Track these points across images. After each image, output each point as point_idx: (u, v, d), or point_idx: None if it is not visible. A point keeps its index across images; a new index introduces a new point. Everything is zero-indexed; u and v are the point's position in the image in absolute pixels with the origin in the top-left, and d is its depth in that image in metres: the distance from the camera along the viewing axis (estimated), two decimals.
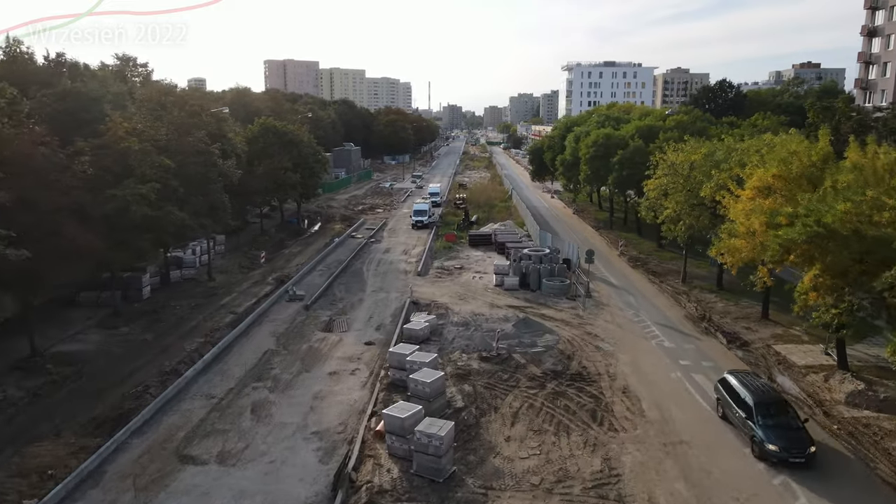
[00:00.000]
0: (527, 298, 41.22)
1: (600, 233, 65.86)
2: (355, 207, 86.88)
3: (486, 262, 51.73)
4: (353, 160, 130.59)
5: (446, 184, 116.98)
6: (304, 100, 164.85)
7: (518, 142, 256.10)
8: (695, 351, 32.05)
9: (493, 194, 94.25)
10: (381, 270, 50.54)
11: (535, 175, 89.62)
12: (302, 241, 62.36)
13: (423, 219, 69.92)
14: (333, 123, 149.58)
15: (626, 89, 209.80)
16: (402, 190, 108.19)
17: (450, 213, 79.07)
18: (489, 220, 71.74)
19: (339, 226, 71.55)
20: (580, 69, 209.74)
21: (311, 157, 68.26)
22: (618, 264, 52.25)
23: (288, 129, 65.76)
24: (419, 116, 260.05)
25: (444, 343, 32.71)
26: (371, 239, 63.67)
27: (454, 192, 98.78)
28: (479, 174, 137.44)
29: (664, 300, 41.54)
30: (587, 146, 55.56)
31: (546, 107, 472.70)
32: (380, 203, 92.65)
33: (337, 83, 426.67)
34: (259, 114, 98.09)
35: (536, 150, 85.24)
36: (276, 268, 50.80)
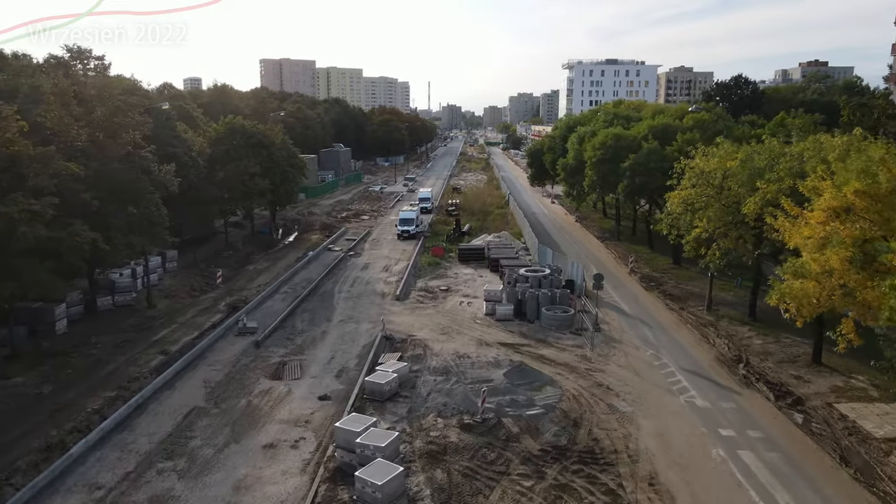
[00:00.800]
0: (523, 332, 34.30)
1: (606, 245, 58.93)
2: (339, 214, 79.97)
3: (477, 283, 44.83)
4: (343, 162, 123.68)
5: (440, 187, 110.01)
6: (293, 98, 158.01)
7: (517, 142, 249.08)
8: (736, 412, 25.13)
9: (489, 199, 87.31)
10: (354, 292, 43.62)
11: (533, 179, 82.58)
12: (271, 255, 55.43)
13: (409, 228, 63.03)
14: (323, 123, 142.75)
15: (628, 88, 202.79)
16: (393, 194, 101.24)
17: (440, 220, 72.16)
18: (483, 229, 64.81)
19: (316, 236, 64.62)
20: (581, 67, 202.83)
21: (285, 160, 61.34)
22: (629, 284, 45.33)
23: (257, 130, 58.83)
24: (415, 116, 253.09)
25: (417, 400, 25.79)
26: (350, 252, 56.78)
27: (447, 197, 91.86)
28: (475, 177, 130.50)
29: (688, 334, 34.60)
30: (593, 148, 48.65)
31: (546, 107, 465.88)
32: (366, 209, 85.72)
33: (334, 82, 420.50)
34: (238, 113, 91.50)
35: (535, 152, 78.20)
36: (233, 289, 43.88)
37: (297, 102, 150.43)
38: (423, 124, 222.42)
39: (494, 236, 57.34)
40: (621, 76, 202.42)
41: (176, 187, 36.55)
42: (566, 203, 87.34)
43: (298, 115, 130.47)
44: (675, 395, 26.66)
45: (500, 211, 77.28)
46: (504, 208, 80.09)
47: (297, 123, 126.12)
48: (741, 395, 26.70)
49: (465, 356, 30.57)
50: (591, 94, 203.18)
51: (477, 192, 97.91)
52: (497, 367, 28.80)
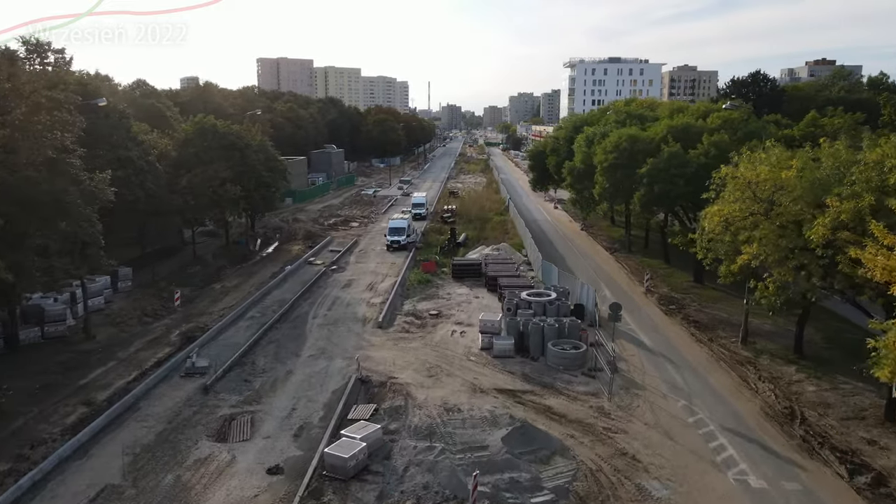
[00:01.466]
0: (525, 374, 28.63)
1: (616, 258, 53.29)
2: (327, 221, 74.28)
3: (472, 306, 39.19)
4: (335, 164, 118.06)
5: (436, 191, 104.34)
6: (285, 98, 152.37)
7: (518, 142, 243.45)
8: (804, 498, 19.47)
9: (488, 204, 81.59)
10: (332, 317, 37.96)
11: (535, 183, 76.63)
12: (245, 270, 49.75)
13: (399, 239, 57.39)
14: (316, 123, 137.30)
15: (632, 87, 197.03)
16: (386, 198, 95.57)
17: (435, 229, 66.50)
18: (480, 239, 59.12)
19: (298, 247, 58.95)
20: (584, 66, 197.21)
21: (263, 163, 55.64)
22: (646, 308, 39.67)
23: (231, 130, 53.13)
24: (413, 116, 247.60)
25: (391, 479, 20.10)
26: (333, 266, 51.12)
27: (443, 202, 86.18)
28: (473, 179, 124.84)
29: (723, 377, 28.92)
30: (604, 152, 42.92)
31: (546, 106, 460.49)
32: (357, 215, 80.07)
33: (332, 82, 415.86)
34: (221, 113, 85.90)
35: (538, 154, 72.39)
36: (193, 313, 38.23)
37: (290, 102, 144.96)
38: (420, 124, 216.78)
39: (493, 249, 51.65)
40: (624, 75, 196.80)
41: (110, 197, 30.77)
42: (570, 208, 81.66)
43: (290, 115, 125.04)
44: (721, 469, 20.96)
45: (499, 218, 71.58)
46: (504, 215, 74.40)
47: (288, 124, 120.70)
48: (805, 469, 20.99)
49: (454, 409, 24.88)
50: (594, 94, 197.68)
51: (475, 196, 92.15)
52: (494, 426, 23.14)
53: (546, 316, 33.41)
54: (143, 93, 71.09)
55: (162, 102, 70.11)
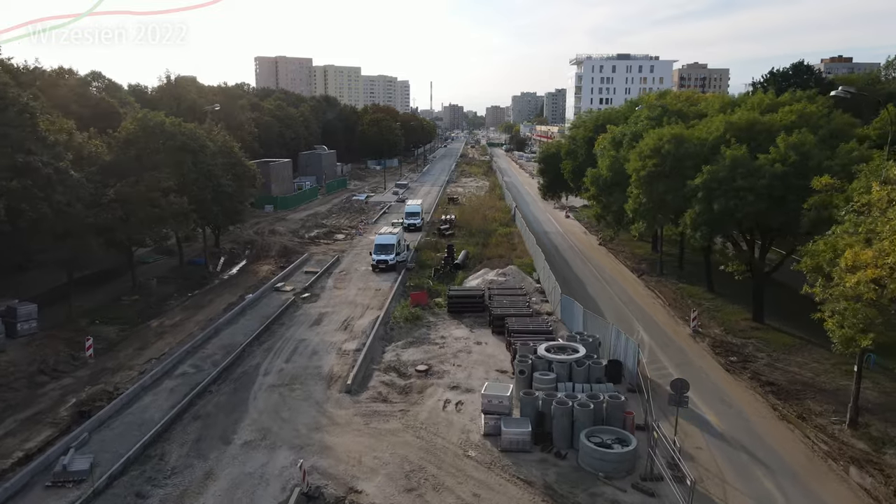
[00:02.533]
0: (549, 485, 19.53)
1: (646, 283, 44.21)
2: (308, 232, 65.21)
3: (472, 358, 30.15)
4: (326, 166, 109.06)
5: (434, 196, 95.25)
6: (275, 95, 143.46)
7: (521, 143, 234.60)
8: None
9: (492, 213, 72.54)
10: (287, 374, 28.89)
11: (546, 190, 67.07)
12: (195, 300, 40.71)
13: (387, 258, 48.38)
14: (307, 122, 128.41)
15: (641, 85, 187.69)
16: (379, 205, 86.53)
17: (430, 244, 57.38)
18: (483, 258, 49.96)
19: (268, 266, 49.94)
20: (591, 63, 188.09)
21: (224, 169, 46.57)
22: (699, 360, 30.54)
23: (183, 129, 44.04)
24: (412, 115, 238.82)
25: None
26: (304, 294, 42.13)
27: (441, 211, 77.06)
28: (475, 183, 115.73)
29: (843, 492, 19.78)
30: (641, 156, 33.70)
31: (550, 106, 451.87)
32: (344, 225, 71.05)
33: (331, 81, 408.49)
34: (195, 111, 77.07)
35: (550, 158, 63.04)
36: (107, 368, 29.23)
37: (279, 99, 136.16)
38: (420, 124, 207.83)
39: (498, 273, 42.46)
40: (633, 72, 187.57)
41: None
42: (583, 217, 72.60)
43: (278, 114, 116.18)
44: None
45: (504, 230, 62.43)
46: (510, 226, 65.25)
47: (276, 123, 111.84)
48: None
49: None
50: (601, 92, 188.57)
51: (477, 203, 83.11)
52: None
53: (573, 380, 24.41)
54: (102, 86, 62.10)
55: (116, 97, 61.23)
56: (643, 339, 32.75)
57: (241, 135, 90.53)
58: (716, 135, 31.47)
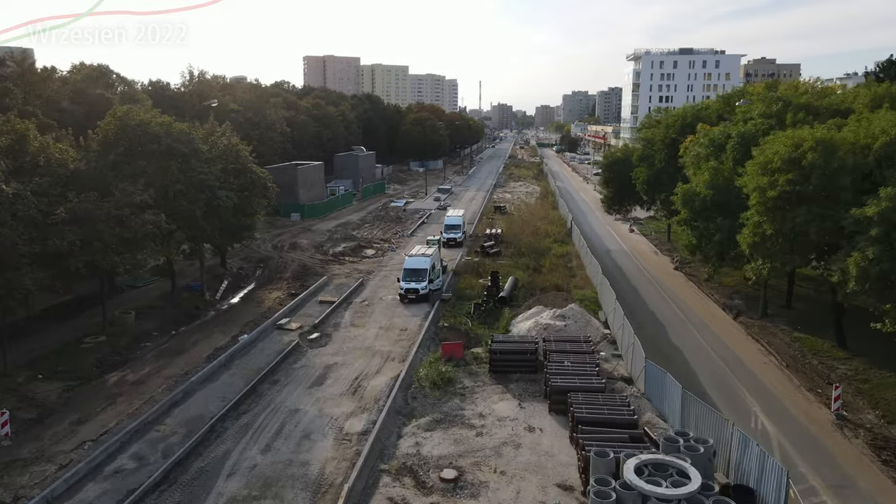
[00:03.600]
0: None
1: (745, 327, 34.30)
2: (335, 246, 57.27)
3: (523, 458, 21.17)
4: (363, 168, 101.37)
5: (479, 203, 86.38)
6: (314, 93, 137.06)
7: (573, 143, 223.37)
8: None
9: (544, 226, 63.16)
10: (260, 475, 20.52)
11: (612, 203, 56.73)
12: (178, 342, 32.93)
13: (418, 287, 39.81)
14: (347, 122, 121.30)
15: (705, 81, 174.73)
16: (418, 213, 78.19)
17: (471, 266, 48.50)
18: (535, 290, 40.58)
19: (277, 294, 42.05)
20: (650, 58, 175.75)
21: (222, 177, 38.73)
22: (857, 471, 20.79)
23: (175, 131, 36.31)
24: (459, 114, 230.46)
25: None
26: (313, 335, 33.93)
27: (485, 223, 68.10)
28: (525, 188, 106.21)
29: None
30: (767, 170, 23.83)
31: (603, 105, 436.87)
32: (376, 237, 62.91)
33: (378, 80, 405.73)
34: (218, 109, 70.43)
35: (616, 164, 53.03)
36: (17, 462, 21.48)
37: (318, 97, 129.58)
38: (467, 123, 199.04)
39: (555, 315, 33.10)
40: (697, 68, 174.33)
41: None
42: (649, 232, 62.56)
43: (315, 113, 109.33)
44: None
45: (559, 248, 53.01)
46: (566, 243, 55.78)
47: (312, 122, 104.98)
48: None
49: None
50: (661, 90, 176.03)
51: (527, 213, 73.85)
52: None
53: None
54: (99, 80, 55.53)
55: (124, 94, 54.55)
56: (765, 428, 23.20)
57: (270, 135, 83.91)
58: (883, 139, 21.67)
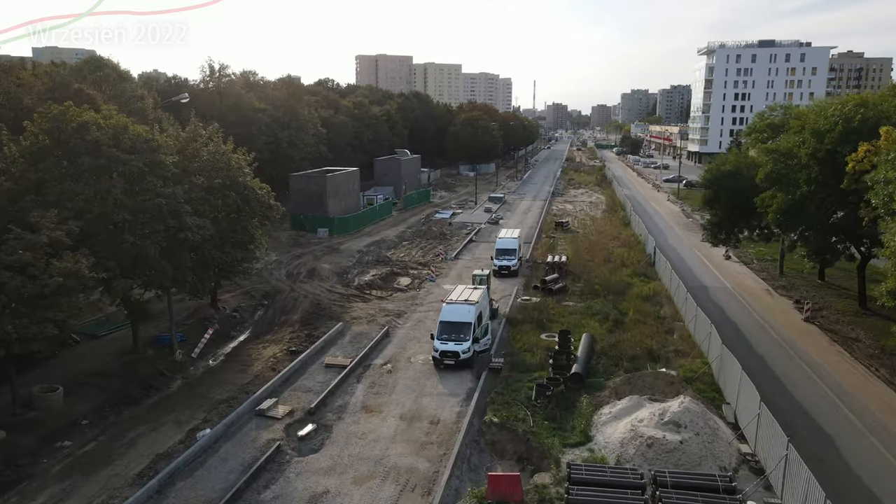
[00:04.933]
0: None
1: None
2: (362, 274, 47.13)
3: None
4: (407, 174, 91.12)
5: (536, 215, 75.03)
6: (359, 91, 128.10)
7: (636, 145, 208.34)
8: None
9: (618, 251, 51.51)
10: None
11: (718, 231, 43.18)
12: (109, 437, 23.07)
13: (458, 349, 29.07)
14: (391, 122, 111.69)
15: (788, 77, 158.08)
16: (466, 227, 67.53)
17: (529, 310, 37.15)
18: (620, 359, 29.00)
19: (275, 348, 32.00)
20: (725, 52, 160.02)
21: (193, 198, 28.78)
22: None
23: (128, 138, 26.52)
24: (513, 114, 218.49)
25: None
26: (304, 428, 23.62)
27: (545, 244, 56.70)
28: (588, 196, 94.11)
29: None
30: None
31: (664, 104, 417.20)
32: (414, 260, 52.48)
33: (431, 79, 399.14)
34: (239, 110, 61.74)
35: (723, 179, 39.98)
36: None
37: (363, 96, 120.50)
38: (521, 123, 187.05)
39: (662, 420, 21.45)
40: (779, 62, 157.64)
41: None
42: (750, 259, 50.14)
43: (356, 113, 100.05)
44: None
45: (644, 286, 41.15)
46: (650, 278, 43.87)
47: (352, 123, 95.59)
48: None
49: None
50: (738, 86, 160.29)
51: (595, 231, 62.21)
52: None
53: None
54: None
55: (116, 90, 45.68)
56: None
57: (302, 137, 74.87)
58: None
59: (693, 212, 77.73)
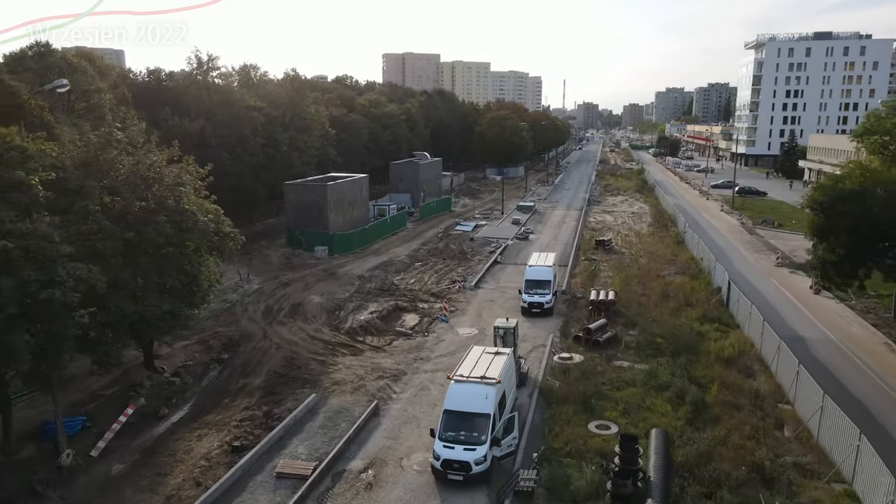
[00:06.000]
0: None
1: None
2: (358, 311, 37.76)
3: None
4: (425, 179, 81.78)
5: (572, 229, 65.03)
6: (377, 89, 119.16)
7: (674, 146, 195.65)
8: None
9: (678, 282, 41.48)
10: None
11: (837, 271, 31.10)
12: None
13: (469, 458, 19.59)
14: (411, 122, 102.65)
15: (846, 72, 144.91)
16: (491, 244, 57.97)
17: (570, 379, 27.45)
18: (715, 488, 19.38)
19: (216, 437, 22.87)
20: (776, 45, 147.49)
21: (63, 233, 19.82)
22: None
23: None
24: (544, 113, 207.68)
25: None
26: None
27: (585, 269, 46.72)
28: (628, 205, 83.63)
29: None
30: None
31: (701, 102, 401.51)
32: (426, 288, 43.04)
33: (459, 77, 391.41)
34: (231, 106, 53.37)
35: (844, 202, 28.47)
36: None
37: (381, 93, 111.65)
38: (552, 123, 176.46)
39: None
40: (836, 55, 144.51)
41: None
42: (848, 295, 39.48)
43: (372, 112, 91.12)
44: None
45: (722, 339, 30.99)
46: (726, 325, 33.63)
47: (368, 123, 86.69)
48: None
49: None
50: (790, 82, 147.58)
51: (642, 250, 52.12)
52: None
53: None
54: None
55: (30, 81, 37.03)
56: None
57: (305, 138, 66.23)
58: None
59: (755, 226, 66.92)
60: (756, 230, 64.74)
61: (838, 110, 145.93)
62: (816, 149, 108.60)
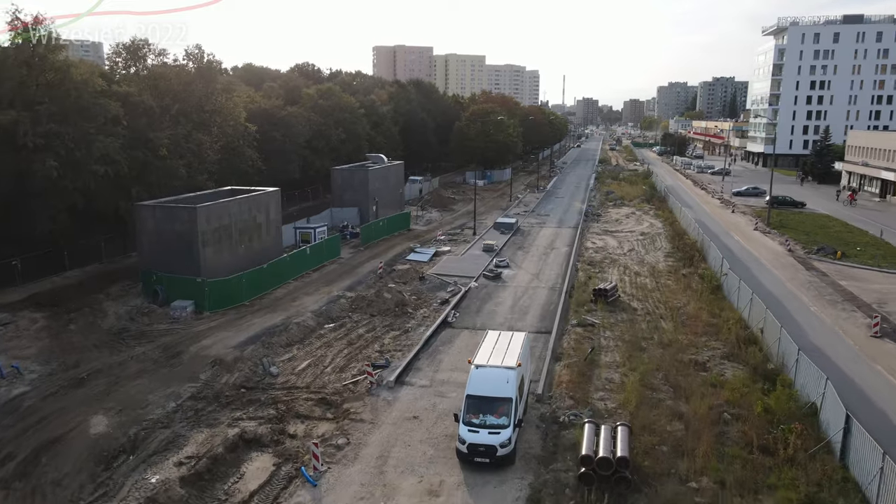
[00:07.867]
0: None
1: None
2: (166, 453, 20.71)
3: None
4: (379, 188, 64.19)
5: (563, 258, 47.60)
6: (339, 78, 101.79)
7: (681, 144, 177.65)
8: None
9: (720, 359, 24.37)
10: None
11: None
12: None
13: None
14: (377, 118, 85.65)
15: (879, 61, 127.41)
16: (447, 287, 40.85)
17: None
18: None
19: None
20: (799, 30, 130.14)
21: None
22: None
23: None
24: (538, 108, 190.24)
25: None
26: None
27: (574, 346, 28.98)
28: (636, 222, 66.28)
29: None
30: None
31: (705, 97, 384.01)
32: (316, 387, 25.82)
33: (452, 71, 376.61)
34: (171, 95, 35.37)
35: None
36: None
37: (342, 83, 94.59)
38: (547, 119, 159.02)
39: None
40: (868, 42, 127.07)
41: None
42: None
43: (321, 105, 73.92)
44: None
45: None
46: (809, 459, 16.76)
47: (309, 119, 69.58)
48: None
49: None
50: (815, 72, 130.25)
51: (665, 307, 34.73)
52: None
53: None
54: None
55: None
56: None
57: (205, 139, 49.16)
58: None
59: (808, 255, 49.71)
60: (812, 261, 47.63)
61: (870, 104, 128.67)
62: (857, 148, 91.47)
